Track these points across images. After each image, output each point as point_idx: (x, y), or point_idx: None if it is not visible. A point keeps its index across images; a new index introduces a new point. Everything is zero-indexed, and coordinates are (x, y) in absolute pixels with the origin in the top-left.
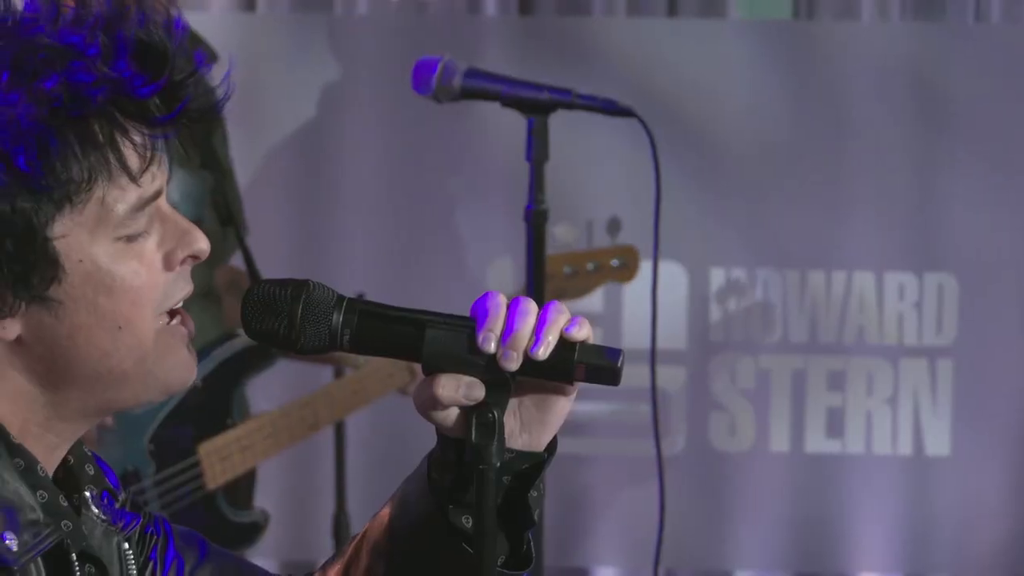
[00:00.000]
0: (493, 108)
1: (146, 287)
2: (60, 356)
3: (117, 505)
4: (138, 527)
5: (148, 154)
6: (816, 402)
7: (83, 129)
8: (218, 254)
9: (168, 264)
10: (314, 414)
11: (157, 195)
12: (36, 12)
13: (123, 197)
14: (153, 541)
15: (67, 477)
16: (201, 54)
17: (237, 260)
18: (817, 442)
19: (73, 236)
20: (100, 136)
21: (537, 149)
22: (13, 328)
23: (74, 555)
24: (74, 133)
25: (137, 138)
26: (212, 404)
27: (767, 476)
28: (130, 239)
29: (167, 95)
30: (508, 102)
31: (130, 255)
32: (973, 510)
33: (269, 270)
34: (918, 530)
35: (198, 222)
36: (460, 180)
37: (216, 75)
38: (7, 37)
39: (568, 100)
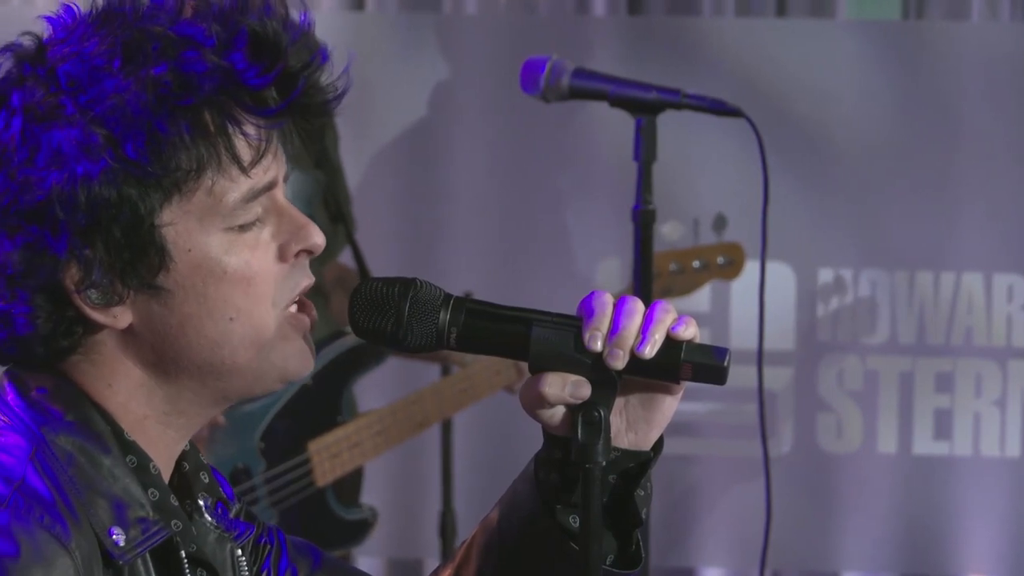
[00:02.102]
0: (601, 108)
1: (258, 278)
2: (171, 346)
3: (231, 515)
4: (251, 537)
5: (261, 146)
6: (924, 403)
7: (194, 118)
8: (327, 252)
9: (282, 256)
10: (422, 412)
11: (270, 187)
12: (158, 5)
13: (233, 187)
14: (267, 551)
15: (181, 483)
16: (323, 49)
17: (346, 258)
18: (925, 444)
19: (181, 225)
20: (211, 126)
21: (645, 149)
22: (124, 317)
23: (184, 554)
24: (184, 121)
25: (250, 129)
26: (322, 402)
27: (874, 477)
28: (242, 229)
29: (281, 87)
30: (616, 102)
31: (241, 245)
32: None
33: (378, 268)
34: None
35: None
36: (568, 180)
37: (331, 72)
38: (124, 25)
39: (676, 100)
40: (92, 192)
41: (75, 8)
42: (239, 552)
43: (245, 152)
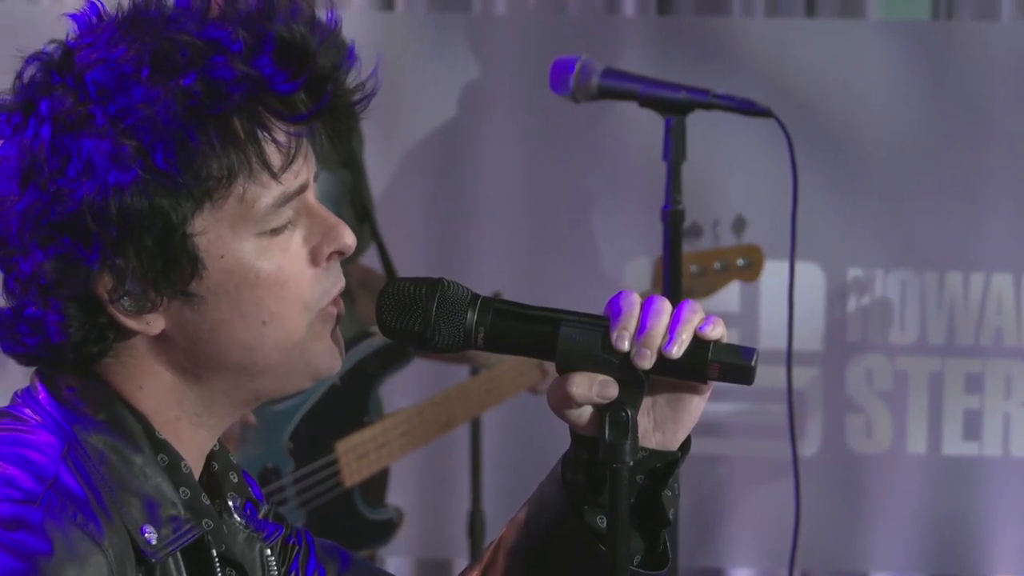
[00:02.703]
0: (630, 108)
1: (291, 281)
2: (203, 350)
3: (260, 515)
4: (280, 537)
5: (291, 150)
6: (953, 404)
7: (223, 126)
8: (354, 251)
9: (315, 259)
10: (449, 412)
11: (301, 190)
12: (184, 8)
13: (265, 193)
14: (295, 551)
15: (210, 482)
16: (351, 51)
17: (372, 258)
18: (954, 444)
19: (213, 232)
20: (241, 133)
21: (674, 149)
22: (157, 323)
23: (215, 553)
24: (214, 130)
25: (279, 135)
26: (349, 402)
27: (903, 478)
28: (274, 233)
29: (309, 91)
30: (646, 102)
31: (274, 249)
32: None
33: (405, 268)
34: None
35: None
36: (596, 180)
37: (360, 72)
38: (151, 33)
39: (706, 100)
40: (123, 203)
41: (100, 6)
42: (268, 552)
43: (275, 157)
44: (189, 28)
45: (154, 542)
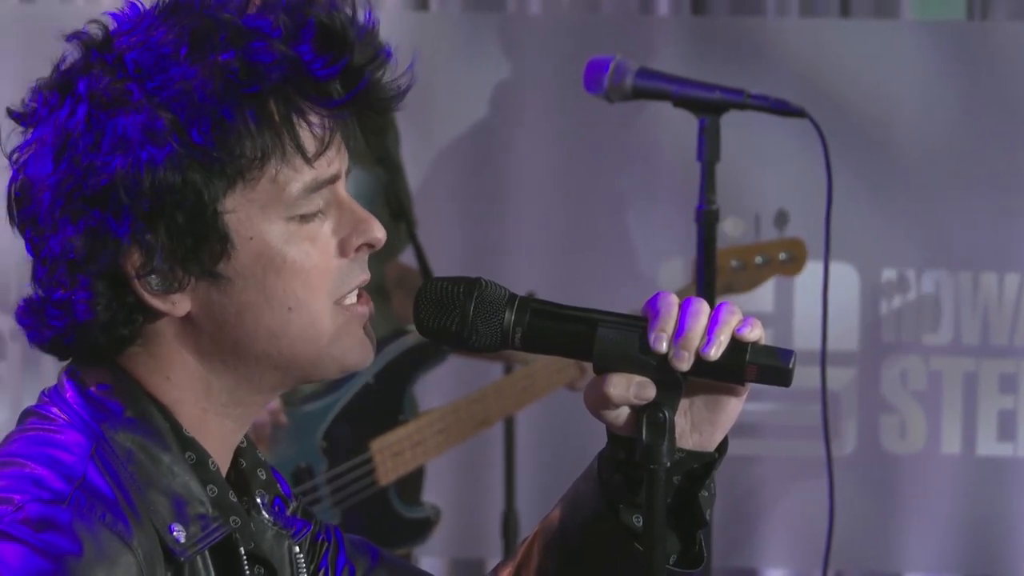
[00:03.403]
0: (664, 107)
1: (318, 269)
2: (229, 335)
3: (288, 512)
4: (309, 534)
5: (325, 137)
6: (987, 404)
7: (259, 106)
8: (389, 250)
9: (343, 250)
10: (484, 410)
11: (333, 179)
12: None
13: (297, 177)
14: (324, 548)
15: (238, 479)
16: (387, 47)
17: (408, 257)
18: (988, 445)
19: (244, 212)
20: (276, 115)
21: (708, 149)
22: (183, 304)
23: (243, 551)
24: (249, 109)
25: (314, 120)
26: (383, 401)
27: (938, 478)
28: (303, 219)
29: (346, 79)
30: (680, 102)
31: (302, 236)
32: None
33: (440, 267)
34: None
35: None
36: (631, 180)
37: (395, 69)
38: (191, 15)
39: (740, 100)
40: (157, 177)
41: (140, 5)
42: (296, 550)
43: (310, 143)
44: (230, 13)
45: (182, 540)
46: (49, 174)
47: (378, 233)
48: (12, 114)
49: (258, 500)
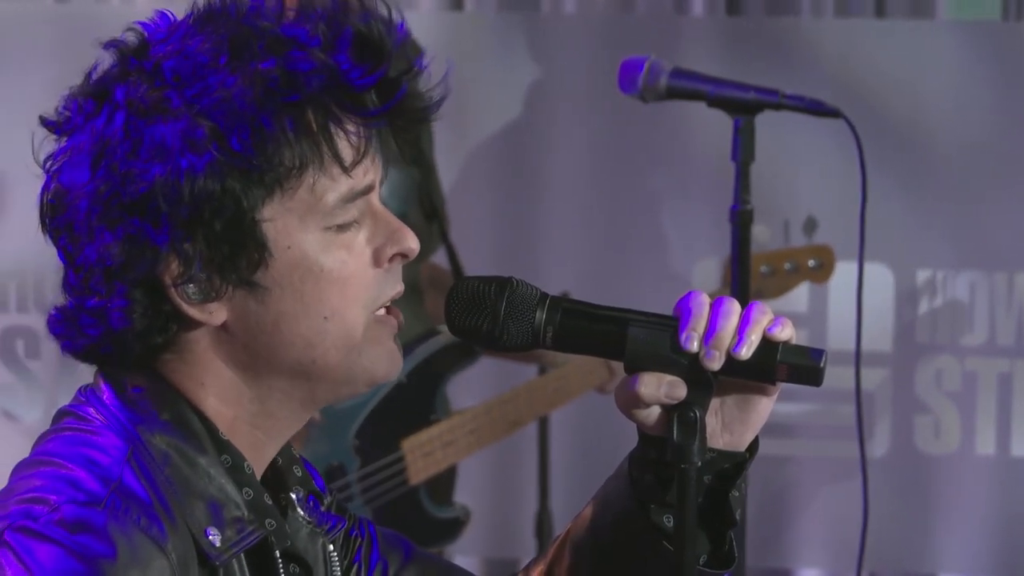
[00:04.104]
0: (698, 108)
1: (353, 279)
2: (264, 345)
3: (322, 508)
4: (343, 530)
5: (362, 147)
6: (1022, 405)
7: (297, 115)
8: (423, 250)
9: (377, 260)
10: (516, 411)
11: (369, 189)
12: (259, 7)
13: (334, 187)
14: (358, 543)
15: (274, 478)
16: (420, 58)
17: (440, 257)
18: (1023, 445)
19: (282, 222)
20: (314, 124)
21: (743, 149)
22: (220, 314)
23: (278, 553)
24: (288, 118)
25: (351, 129)
26: (416, 400)
27: (972, 479)
28: (340, 229)
29: (383, 89)
30: (714, 102)
31: (338, 245)
32: None
33: (473, 267)
34: None
35: (404, 218)
36: (664, 180)
37: (431, 80)
38: (228, 24)
39: (775, 101)
40: (196, 185)
41: (170, 15)
42: (331, 547)
43: (347, 152)
44: (267, 23)
45: (218, 544)
46: (86, 182)
47: (412, 243)
48: (46, 122)
49: (293, 496)
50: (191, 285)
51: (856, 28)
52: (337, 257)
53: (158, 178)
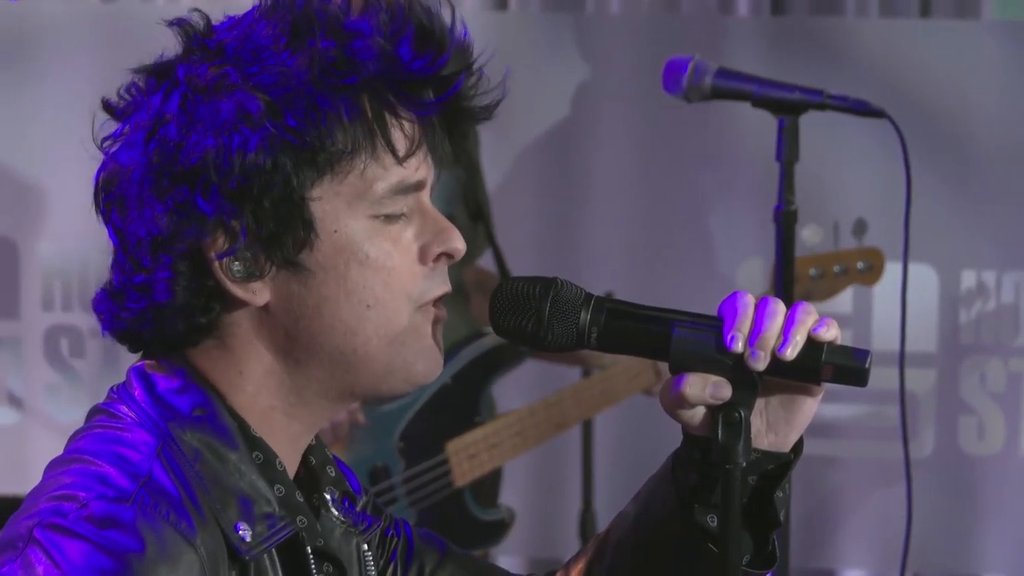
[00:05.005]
0: (742, 108)
1: (397, 271)
2: (305, 329)
3: (357, 508)
4: (378, 530)
5: (416, 139)
6: None
7: (353, 99)
8: (469, 251)
9: (423, 257)
10: (561, 413)
11: (419, 186)
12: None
13: (385, 176)
14: (394, 544)
15: (308, 477)
16: (478, 59)
17: (486, 258)
18: None
19: (330, 205)
20: (369, 110)
21: (787, 149)
22: (263, 294)
23: (309, 550)
24: (344, 100)
25: (405, 120)
26: (460, 402)
27: (1016, 480)
28: (387, 220)
29: (440, 83)
30: (759, 102)
31: (385, 236)
32: None
33: (518, 268)
34: None
35: (450, 219)
36: (709, 180)
37: (487, 82)
38: (294, 12)
39: (819, 101)
40: (248, 158)
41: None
42: (365, 547)
43: (400, 142)
44: (332, 12)
45: (248, 539)
46: (140, 154)
47: (458, 244)
48: (107, 104)
49: (327, 497)
50: (236, 262)
51: (901, 28)
52: (382, 247)
53: (210, 149)
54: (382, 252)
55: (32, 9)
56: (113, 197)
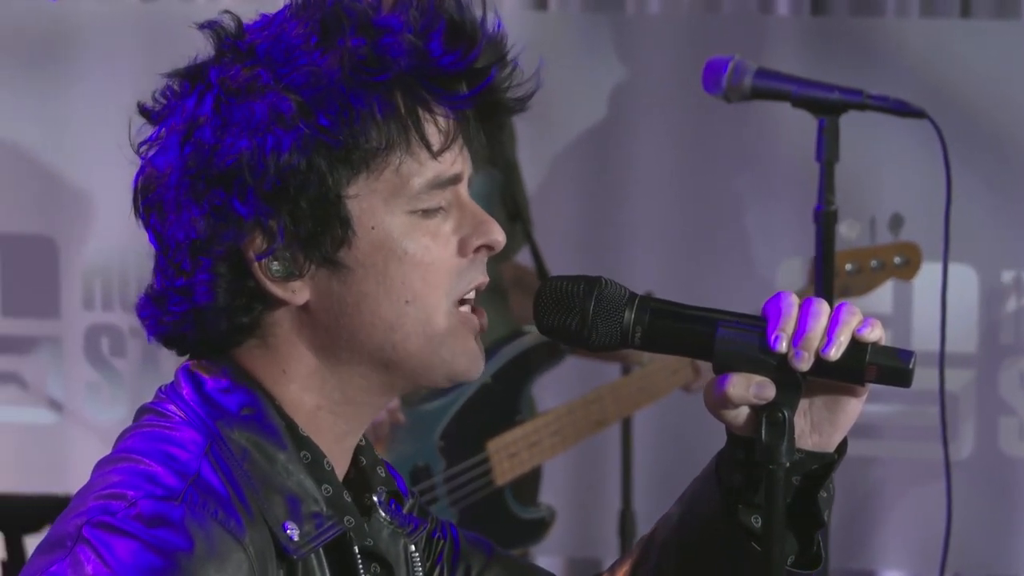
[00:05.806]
0: (782, 107)
1: (436, 265)
2: (345, 326)
3: (404, 510)
4: (425, 532)
5: (450, 133)
6: None
7: (386, 96)
8: (506, 250)
9: (462, 250)
10: (601, 411)
11: (456, 180)
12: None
13: (420, 171)
14: (440, 546)
15: (359, 477)
16: (511, 52)
17: (524, 257)
18: None
19: (367, 202)
20: (402, 107)
21: (827, 149)
22: (302, 293)
23: (357, 550)
24: (376, 97)
25: (439, 115)
26: (501, 401)
27: None
28: (425, 214)
29: (472, 77)
30: (799, 102)
31: (423, 231)
32: None
33: (556, 268)
34: None
35: None
36: (749, 180)
37: (521, 75)
38: (324, 10)
39: (859, 101)
40: (282, 159)
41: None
42: (412, 548)
43: (434, 137)
44: (362, 9)
45: (296, 538)
46: (175, 158)
47: (498, 236)
48: (143, 108)
49: (375, 498)
50: (275, 262)
51: (941, 28)
52: (421, 242)
53: (244, 151)
54: (420, 247)
55: (71, 9)
56: (151, 202)
